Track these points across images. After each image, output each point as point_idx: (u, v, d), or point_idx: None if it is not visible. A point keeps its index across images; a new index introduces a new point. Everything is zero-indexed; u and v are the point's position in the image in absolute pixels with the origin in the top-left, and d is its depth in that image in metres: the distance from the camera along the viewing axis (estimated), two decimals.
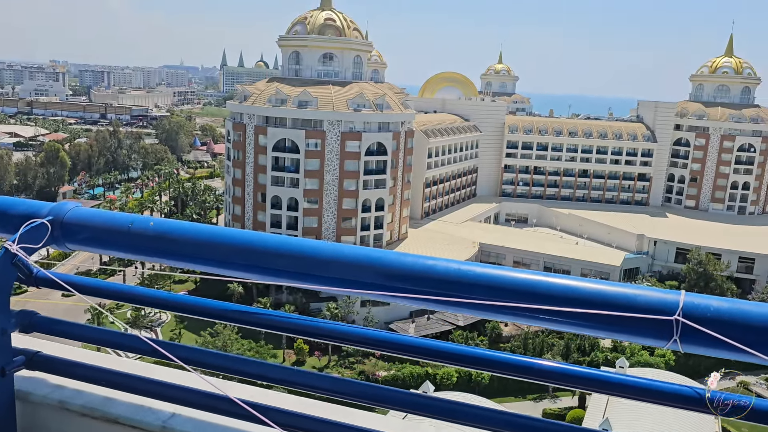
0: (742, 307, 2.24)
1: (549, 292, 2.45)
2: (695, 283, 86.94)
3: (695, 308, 2.25)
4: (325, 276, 2.78)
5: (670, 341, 2.26)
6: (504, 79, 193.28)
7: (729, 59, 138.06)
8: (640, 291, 2.37)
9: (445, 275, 2.59)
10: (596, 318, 2.35)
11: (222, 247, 2.92)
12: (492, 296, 2.50)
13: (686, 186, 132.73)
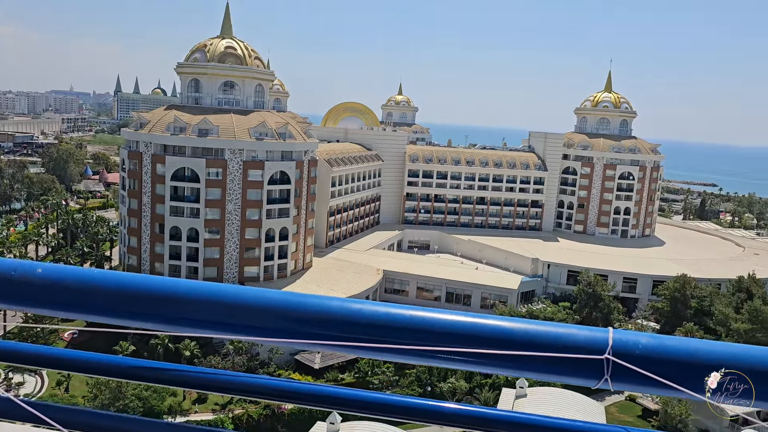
0: (667, 343, 2.29)
1: (480, 334, 2.42)
2: (586, 303, 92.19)
3: (624, 346, 2.27)
4: (239, 324, 2.59)
5: (601, 380, 2.28)
6: (404, 110, 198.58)
7: (608, 94, 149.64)
8: (570, 330, 2.40)
9: (373, 320, 2.51)
10: (528, 359, 2.35)
11: (118, 295, 2.63)
12: (422, 341, 2.45)
13: (575, 212, 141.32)
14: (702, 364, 2.23)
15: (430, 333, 2.45)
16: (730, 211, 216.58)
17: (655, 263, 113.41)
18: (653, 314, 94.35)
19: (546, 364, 2.31)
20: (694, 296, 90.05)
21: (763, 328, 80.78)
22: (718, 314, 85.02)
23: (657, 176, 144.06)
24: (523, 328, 2.39)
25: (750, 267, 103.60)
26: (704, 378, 2.22)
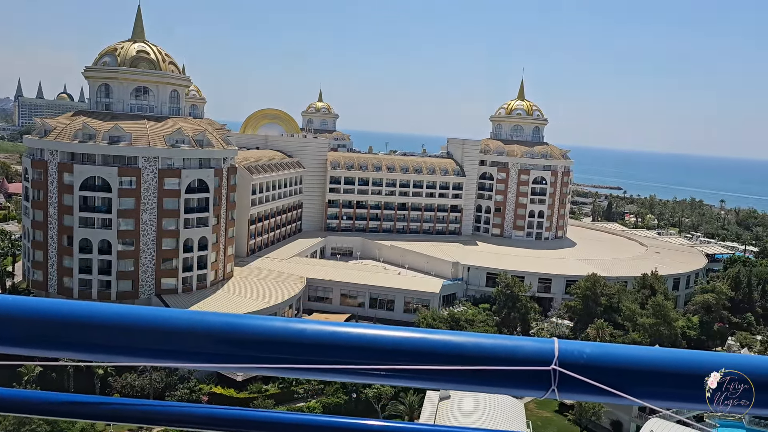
0: (611, 351, 2.35)
1: (430, 349, 2.38)
2: (504, 304, 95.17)
3: (569, 355, 2.30)
4: (177, 351, 2.41)
5: (548, 391, 2.30)
6: (324, 117, 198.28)
7: (521, 102, 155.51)
8: (518, 342, 2.39)
9: (317, 339, 2.41)
10: (477, 374, 2.33)
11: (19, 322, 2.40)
12: (373, 360, 2.37)
13: (492, 216, 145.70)
14: (642, 370, 2.28)
15: (381, 351, 2.38)
16: (634, 213, 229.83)
17: (568, 263, 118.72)
18: (567, 312, 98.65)
19: (495, 378, 2.32)
20: (604, 294, 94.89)
21: (666, 322, 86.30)
22: (625, 310, 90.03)
23: (567, 180, 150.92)
24: (474, 342, 2.39)
25: (652, 265, 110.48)
26: (645, 383, 2.26)
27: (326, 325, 2.45)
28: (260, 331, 2.41)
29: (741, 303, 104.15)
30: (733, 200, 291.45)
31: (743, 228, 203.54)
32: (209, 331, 2.40)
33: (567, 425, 74.01)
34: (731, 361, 2.32)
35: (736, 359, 2.34)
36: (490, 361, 2.31)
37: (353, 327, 2.45)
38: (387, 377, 2.39)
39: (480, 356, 2.33)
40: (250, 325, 2.42)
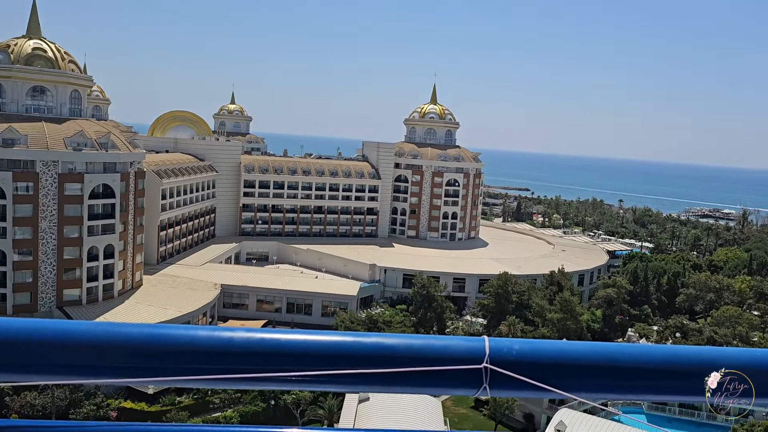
0: (539, 346, 2.41)
1: (362, 353, 2.35)
2: (421, 305, 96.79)
3: (500, 353, 2.33)
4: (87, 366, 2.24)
5: (480, 389, 2.32)
6: (238, 119, 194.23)
7: (434, 106, 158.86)
8: (450, 342, 2.40)
9: (247, 347, 2.31)
10: (409, 375, 2.32)
11: None
12: (300, 365, 2.31)
13: (407, 218, 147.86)
14: (569, 364, 2.36)
15: (315, 357, 2.33)
16: (542, 213, 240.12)
17: (481, 263, 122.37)
18: (481, 311, 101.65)
19: (427, 378, 2.32)
20: (515, 291, 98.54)
21: (572, 317, 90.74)
22: (535, 306, 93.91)
23: (479, 182, 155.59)
24: (405, 343, 2.38)
25: (559, 262, 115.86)
26: (572, 376, 2.34)
27: (255, 332, 2.37)
28: (183, 341, 2.29)
29: (639, 296, 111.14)
30: (631, 200, 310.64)
31: (640, 225, 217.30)
32: (125, 344, 2.26)
33: (483, 420, 76.21)
34: (636, 351, 2.42)
35: (649, 350, 2.43)
36: (422, 362, 2.30)
37: (285, 333, 2.38)
38: (321, 383, 2.35)
39: (411, 357, 2.32)
40: (170, 336, 2.31)
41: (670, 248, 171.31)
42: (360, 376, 2.29)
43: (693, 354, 2.44)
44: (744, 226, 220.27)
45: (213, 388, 2.78)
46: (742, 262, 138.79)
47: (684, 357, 2.40)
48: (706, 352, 2.46)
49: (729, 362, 2.40)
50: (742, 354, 2.45)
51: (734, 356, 2.43)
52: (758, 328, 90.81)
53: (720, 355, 2.46)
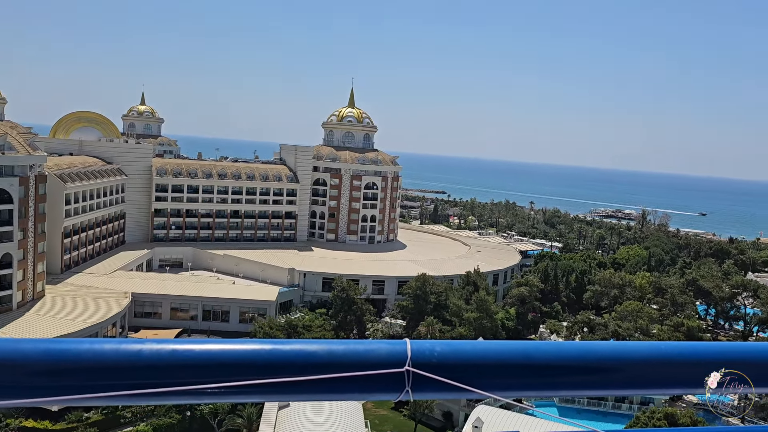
0: (460, 348, 2.42)
1: (280, 361, 2.27)
2: (340, 308, 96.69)
3: (421, 355, 2.32)
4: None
5: (402, 392, 2.32)
6: (148, 121, 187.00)
7: (352, 110, 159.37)
8: (372, 346, 2.38)
9: (157, 360, 2.20)
10: (331, 381, 2.27)
11: None
12: (215, 377, 2.21)
13: (326, 221, 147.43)
14: (490, 364, 2.40)
15: (231, 367, 2.23)
16: (458, 215, 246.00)
17: (399, 265, 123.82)
18: (400, 312, 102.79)
19: (349, 384, 2.28)
20: (433, 292, 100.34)
21: (488, 315, 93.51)
22: (452, 306, 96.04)
23: (397, 185, 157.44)
24: (326, 349, 2.32)
25: (475, 263, 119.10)
26: (492, 376, 2.38)
27: (166, 344, 2.24)
28: (87, 357, 2.15)
29: (550, 294, 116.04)
30: (541, 201, 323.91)
31: (549, 226, 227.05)
32: (22, 361, 2.10)
33: (403, 420, 77.06)
34: (551, 349, 2.53)
35: (562, 347, 2.53)
36: (344, 368, 2.27)
37: (198, 344, 2.27)
38: (238, 394, 2.26)
39: (333, 363, 2.28)
40: (72, 351, 2.15)
41: (578, 247, 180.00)
42: (279, 385, 2.22)
43: (602, 349, 2.55)
44: (643, 226, 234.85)
45: (122, 404, 2.36)
46: (642, 259, 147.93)
47: (594, 353, 2.52)
48: (613, 347, 2.60)
49: (633, 355, 2.54)
50: (647, 347, 2.59)
51: (639, 350, 2.58)
52: (657, 321, 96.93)
53: (625, 348, 2.60)
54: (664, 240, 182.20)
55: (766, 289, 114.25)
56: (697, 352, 2.59)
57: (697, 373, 2.56)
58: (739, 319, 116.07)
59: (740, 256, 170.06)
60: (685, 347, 2.62)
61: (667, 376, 2.53)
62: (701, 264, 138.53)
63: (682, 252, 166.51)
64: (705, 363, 2.55)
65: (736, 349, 2.70)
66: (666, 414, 54.22)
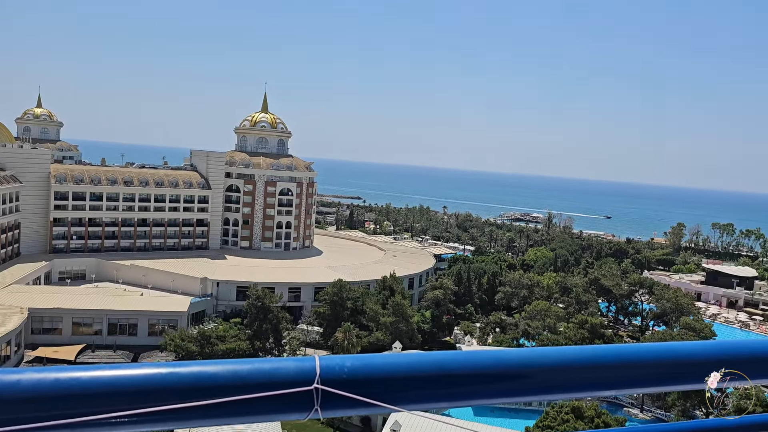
0: (371, 362, 2.33)
1: (178, 385, 2.11)
2: (256, 317, 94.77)
3: (331, 372, 2.23)
4: None
5: (311, 411, 2.22)
6: (45, 125, 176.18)
7: (266, 115, 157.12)
8: (278, 364, 2.25)
9: (36, 391, 1.97)
10: (236, 405, 2.13)
11: None
12: (106, 406, 2.02)
13: (240, 228, 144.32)
14: (402, 377, 2.33)
15: (124, 395, 2.04)
16: (373, 220, 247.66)
17: (316, 272, 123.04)
18: (317, 319, 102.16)
19: (255, 406, 2.14)
20: (350, 298, 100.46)
21: (404, 319, 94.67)
22: (369, 311, 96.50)
23: (312, 191, 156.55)
24: (230, 370, 2.18)
25: (391, 267, 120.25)
26: (405, 390, 2.34)
27: (47, 373, 2.02)
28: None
29: (463, 296, 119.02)
30: (454, 206, 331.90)
31: (462, 230, 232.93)
32: None
33: (321, 428, 76.51)
34: (464, 358, 2.49)
35: (475, 356, 2.50)
36: (249, 389, 2.14)
37: (84, 371, 2.08)
38: (132, 424, 2.05)
39: (237, 385, 2.15)
40: None
41: (489, 250, 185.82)
42: (179, 412, 2.04)
43: (513, 356, 2.57)
44: (549, 228, 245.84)
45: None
46: (549, 260, 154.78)
47: (505, 360, 2.54)
48: (523, 354, 2.62)
49: (542, 361, 2.60)
50: (555, 353, 2.65)
51: (548, 355, 2.63)
52: (563, 319, 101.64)
53: (534, 354, 2.65)
54: (568, 241, 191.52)
55: (660, 285, 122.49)
56: (601, 355, 2.66)
57: (601, 376, 2.66)
58: (637, 314, 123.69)
59: (637, 256, 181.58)
60: (590, 351, 2.69)
61: (575, 379, 2.61)
62: (602, 263, 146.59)
63: (585, 252, 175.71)
64: (607, 366, 2.63)
65: (638, 350, 2.80)
66: (573, 408, 56.87)
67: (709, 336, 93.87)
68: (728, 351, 2.75)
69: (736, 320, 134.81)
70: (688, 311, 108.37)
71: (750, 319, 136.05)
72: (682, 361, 2.71)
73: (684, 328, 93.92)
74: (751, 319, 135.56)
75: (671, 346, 2.81)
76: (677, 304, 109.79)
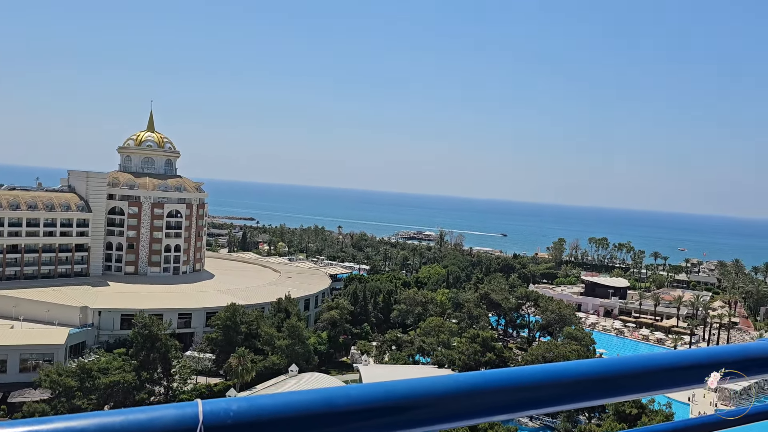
0: (259, 403, 2.19)
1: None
2: (142, 346, 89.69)
3: (215, 418, 2.07)
4: None
5: None
6: None
7: (152, 134, 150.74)
8: (154, 413, 2.05)
9: None
10: None
11: None
12: None
13: (125, 253, 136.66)
14: (293, 417, 2.21)
15: None
16: (267, 242, 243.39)
17: (207, 296, 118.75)
18: (209, 345, 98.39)
19: None
20: (244, 322, 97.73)
21: (300, 341, 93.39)
22: (264, 335, 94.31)
23: (203, 213, 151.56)
24: (100, 424, 1.93)
25: (286, 289, 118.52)
26: (298, 429, 2.22)
27: None
28: None
29: (359, 315, 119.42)
30: (348, 226, 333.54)
31: (357, 249, 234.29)
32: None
33: None
34: (355, 393, 2.40)
35: (365, 389, 2.43)
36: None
37: None
38: None
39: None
40: None
41: (384, 269, 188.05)
42: None
43: (404, 388, 2.49)
44: (441, 246, 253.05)
45: None
46: (442, 277, 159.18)
47: (397, 392, 2.47)
48: (413, 384, 2.55)
49: (436, 390, 2.54)
50: (447, 381, 2.59)
51: (442, 383, 2.56)
52: (456, 334, 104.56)
53: (425, 384, 2.56)
54: (459, 258, 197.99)
55: (545, 298, 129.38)
56: (482, 382, 2.61)
57: (491, 401, 2.63)
58: (524, 326, 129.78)
59: (523, 270, 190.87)
60: (475, 378, 2.63)
61: (466, 408, 2.60)
62: (492, 279, 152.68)
63: (475, 268, 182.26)
64: (494, 391, 2.60)
65: (536, 372, 2.79)
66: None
67: (590, 344, 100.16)
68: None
69: (612, 328, 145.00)
70: (570, 321, 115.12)
71: (624, 326, 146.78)
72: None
73: (567, 338, 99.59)
74: (625, 327, 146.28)
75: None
76: (560, 315, 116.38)
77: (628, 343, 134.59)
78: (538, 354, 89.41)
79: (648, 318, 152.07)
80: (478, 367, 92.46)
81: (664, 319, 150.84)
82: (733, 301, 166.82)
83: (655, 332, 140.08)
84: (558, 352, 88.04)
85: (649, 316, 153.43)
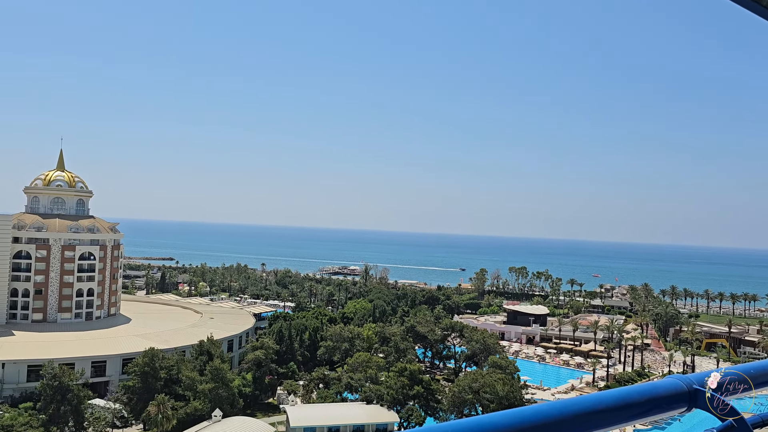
0: None
1: None
2: (52, 399, 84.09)
3: None
4: None
5: None
6: None
7: (62, 173, 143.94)
8: None
9: None
10: None
11: None
12: None
13: (32, 299, 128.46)
14: None
15: None
16: (188, 282, 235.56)
17: (123, 341, 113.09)
18: (126, 394, 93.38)
19: None
20: (163, 367, 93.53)
21: (224, 384, 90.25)
22: (185, 380, 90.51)
23: (118, 254, 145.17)
24: None
25: (208, 330, 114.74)
26: None
27: None
28: None
29: (285, 354, 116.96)
30: (272, 263, 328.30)
31: (282, 287, 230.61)
32: None
33: None
34: None
35: None
36: None
37: None
38: None
39: None
40: None
41: (310, 305, 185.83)
42: None
43: None
44: (367, 280, 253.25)
45: None
46: (368, 311, 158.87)
47: None
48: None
49: None
50: None
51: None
52: (384, 368, 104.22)
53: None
54: (385, 292, 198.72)
55: (469, 328, 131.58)
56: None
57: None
58: (450, 357, 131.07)
59: (447, 302, 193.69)
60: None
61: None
62: (417, 311, 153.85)
63: (401, 301, 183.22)
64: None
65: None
66: None
67: (514, 371, 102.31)
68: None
69: (535, 355, 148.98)
70: (494, 350, 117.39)
71: (546, 352, 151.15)
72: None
73: (492, 367, 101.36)
74: (546, 353, 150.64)
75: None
76: (485, 345, 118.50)
77: (550, 369, 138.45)
78: (464, 384, 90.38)
79: (568, 343, 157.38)
80: (406, 402, 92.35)
81: (582, 343, 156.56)
82: (644, 323, 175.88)
83: (575, 357, 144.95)
84: (484, 382, 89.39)
85: (568, 341, 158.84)
